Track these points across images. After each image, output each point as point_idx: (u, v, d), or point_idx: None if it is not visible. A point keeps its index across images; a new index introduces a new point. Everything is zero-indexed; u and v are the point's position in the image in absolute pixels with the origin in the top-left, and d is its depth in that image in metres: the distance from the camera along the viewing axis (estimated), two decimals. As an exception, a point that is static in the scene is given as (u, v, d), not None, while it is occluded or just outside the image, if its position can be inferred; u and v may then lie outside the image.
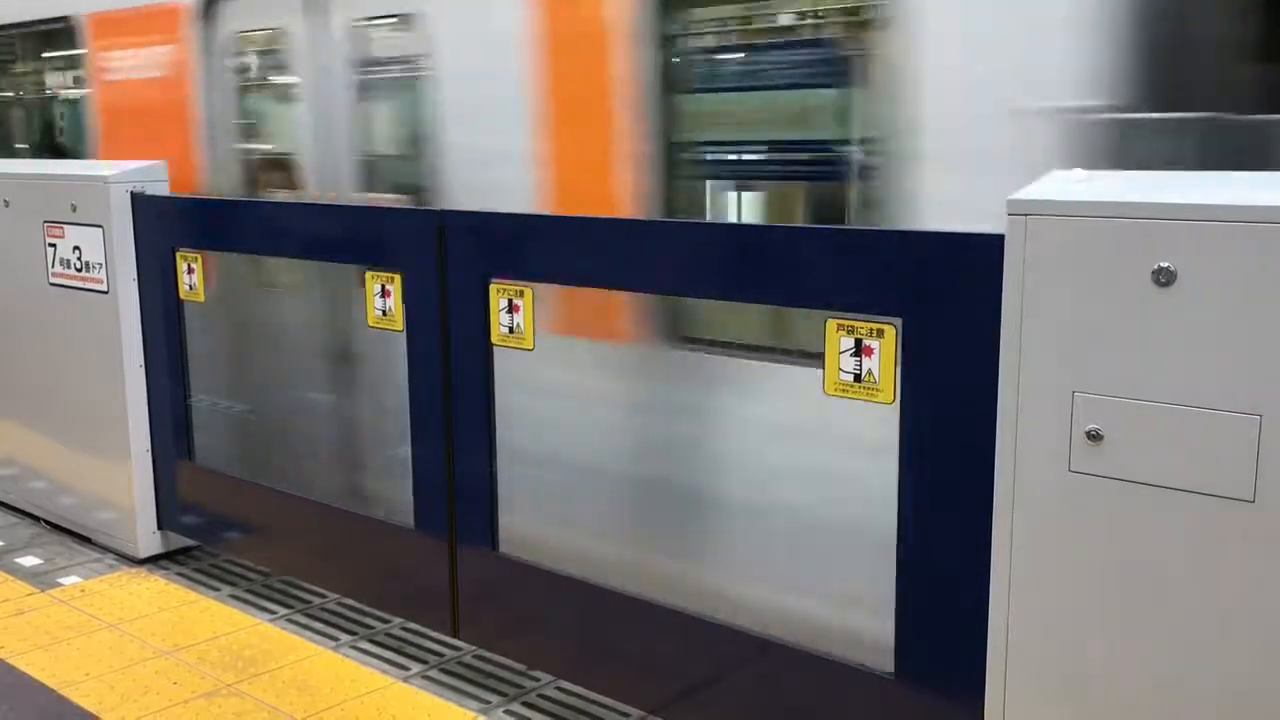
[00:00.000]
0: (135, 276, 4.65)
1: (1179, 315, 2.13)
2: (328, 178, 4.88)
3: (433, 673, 3.85)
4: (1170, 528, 2.20)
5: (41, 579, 4.67)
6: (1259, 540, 2.11)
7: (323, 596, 4.46)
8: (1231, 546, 2.14)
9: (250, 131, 5.34)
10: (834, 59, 3.58)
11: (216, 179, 5.24)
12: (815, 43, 3.71)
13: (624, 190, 3.78)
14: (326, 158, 4.88)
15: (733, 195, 4.06)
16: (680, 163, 3.81)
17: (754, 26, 3.87)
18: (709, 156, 3.99)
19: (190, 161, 5.24)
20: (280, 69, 5.14)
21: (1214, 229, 2.08)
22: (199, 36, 5.19)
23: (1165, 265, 2.12)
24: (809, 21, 3.73)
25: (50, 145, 6.85)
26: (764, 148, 4.00)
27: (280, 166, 5.22)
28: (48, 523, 5.26)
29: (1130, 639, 2.28)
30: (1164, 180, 2.45)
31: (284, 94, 5.18)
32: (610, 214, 3.78)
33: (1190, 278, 2.11)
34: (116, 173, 4.63)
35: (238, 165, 5.25)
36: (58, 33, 6.06)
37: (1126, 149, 2.75)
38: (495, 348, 3.52)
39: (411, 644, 4.06)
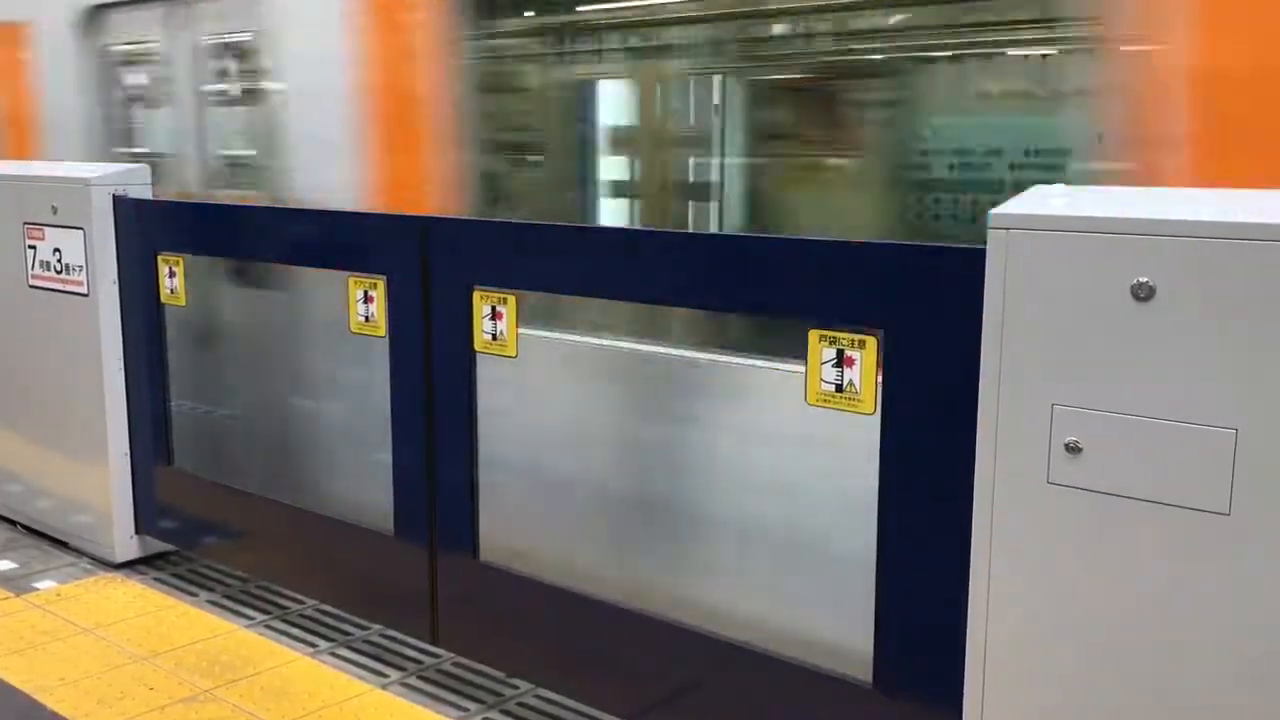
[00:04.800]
0: (116, 279, 4.63)
1: (1157, 330, 2.15)
2: None
3: (411, 680, 3.84)
4: (1147, 540, 2.22)
5: (16, 583, 4.64)
6: (1234, 553, 2.14)
7: (301, 602, 4.44)
8: (1207, 559, 2.16)
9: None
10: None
11: None
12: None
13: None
14: None
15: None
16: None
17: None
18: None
19: None
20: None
21: (1193, 245, 2.11)
22: None
23: (1144, 280, 2.15)
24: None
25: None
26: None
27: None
28: (23, 526, 5.22)
29: (1107, 650, 2.29)
30: (1144, 196, 2.48)
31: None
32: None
33: (1169, 293, 2.13)
34: (98, 175, 4.61)
35: None
36: None
37: None
38: (478, 355, 3.52)
39: (390, 651, 4.04)
